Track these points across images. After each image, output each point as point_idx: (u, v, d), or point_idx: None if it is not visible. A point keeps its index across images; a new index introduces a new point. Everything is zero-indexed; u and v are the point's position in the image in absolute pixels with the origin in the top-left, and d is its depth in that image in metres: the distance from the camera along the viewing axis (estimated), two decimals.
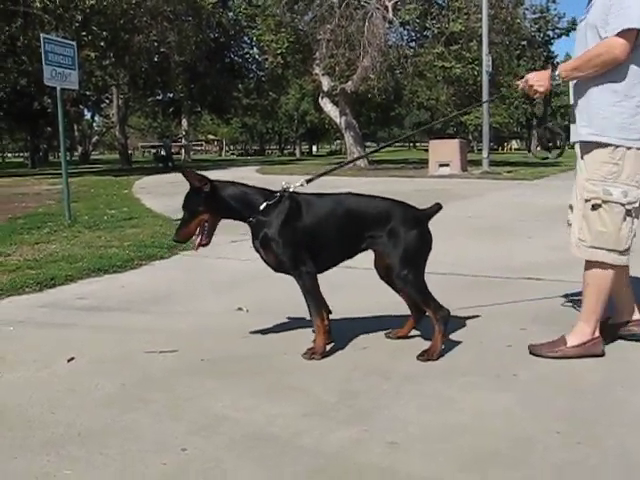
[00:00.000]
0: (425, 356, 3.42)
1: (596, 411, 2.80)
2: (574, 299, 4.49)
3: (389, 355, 3.53)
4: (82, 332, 4.10)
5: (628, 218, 3.33)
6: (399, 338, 3.79)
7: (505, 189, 15.13)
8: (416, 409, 2.84)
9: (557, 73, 3.39)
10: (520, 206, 11.32)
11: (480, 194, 13.52)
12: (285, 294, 4.86)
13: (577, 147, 3.51)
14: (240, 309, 4.54)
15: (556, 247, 6.71)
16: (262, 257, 3.61)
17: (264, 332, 3.97)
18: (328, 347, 3.58)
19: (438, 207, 3.68)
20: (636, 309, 3.69)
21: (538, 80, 3.43)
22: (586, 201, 3.39)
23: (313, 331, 3.61)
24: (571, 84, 3.50)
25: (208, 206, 3.53)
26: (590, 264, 3.43)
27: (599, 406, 2.85)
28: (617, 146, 3.28)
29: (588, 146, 3.38)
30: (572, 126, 3.50)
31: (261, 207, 3.52)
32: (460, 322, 3.94)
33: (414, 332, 3.84)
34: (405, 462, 2.37)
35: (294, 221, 3.50)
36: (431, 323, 3.51)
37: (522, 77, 3.58)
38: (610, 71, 3.27)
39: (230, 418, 2.77)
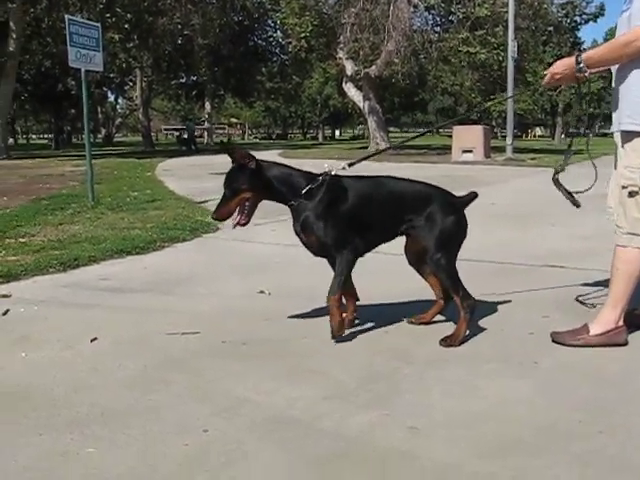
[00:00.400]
0: (447, 342, 3.42)
1: (617, 400, 2.77)
2: (596, 287, 4.46)
3: (411, 340, 3.52)
4: (105, 313, 4.13)
5: None
6: (422, 324, 3.76)
7: (529, 176, 15.03)
8: (438, 395, 2.83)
9: (581, 62, 3.33)
10: (543, 193, 11.19)
11: (504, 181, 13.44)
12: (307, 278, 4.88)
13: (617, 135, 3.48)
14: (262, 292, 4.55)
15: (579, 235, 6.68)
16: (303, 241, 3.55)
17: (285, 315, 3.97)
18: (348, 331, 3.58)
19: (474, 195, 3.68)
20: None
21: (563, 70, 3.37)
22: (623, 188, 3.37)
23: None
24: (613, 72, 3.46)
25: (251, 184, 3.45)
26: (622, 250, 3.40)
27: (620, 395, 2.82)
28: None
29: (629, 135, 3.35)
30: (613, 114, 3.47)
31: (304, 190, 3.44)
32: (483, 309, 3.91)
33: (437, 318, 3.82)
34: (426, 447, 2.36)
35: (337, 203, 3.44)
36: (456, 310, 3.50)
37: (549, 64, 3.53)
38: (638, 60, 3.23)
39: (251, 400, 2.77)
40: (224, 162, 3.61)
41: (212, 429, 2.50)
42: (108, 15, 25.32)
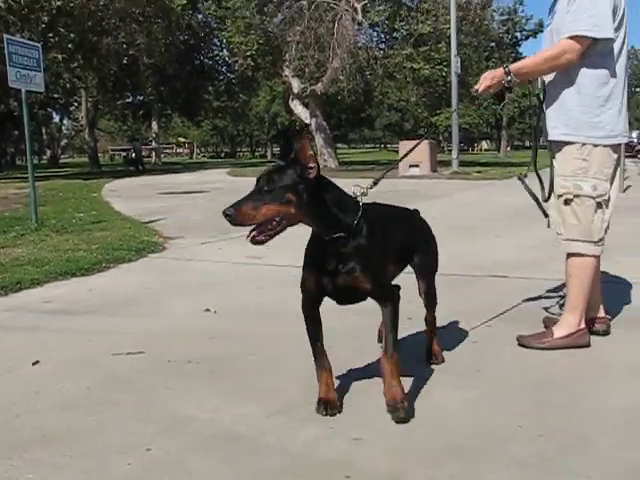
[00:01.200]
0: (435, 359, 3.41)
1: (557, 405, 2.84)
2: (539, 296, 4.57)
3: (355, 354, 3.54)
4: (48, 335, 4.07)
5: (599, 210, 3.47)
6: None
7: (474, 189, 15.26)
8: (381, 406, 2.85)
9: (510, 74, 3.44)
10: (488, 206, 11.44)
11: (448, 194, 13.62)
12: (254, 296, 4.90)
13: (549, 146, 3.63)
14: (208, 310, 4.54)
15: (524, 245, 6.81)
16: (336, 285, 2.75)
17: (231, 334, 3.97)
18: (292, 348, 3.58)
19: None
20: (601, 306, 3.78)
21: (492, 80, 3.49)
22: (559, 196, 3.53)
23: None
24: (542, 85, 3.61)
25: (302, 198, 2.53)
26: (570, 256, 3.56)
27: (560, 400, 2.89)
28: (584, 144, 3.43)
29: (559, 145, 3.54)
30: (545, 125, 3.60)
31: (355, 221, 2.67)
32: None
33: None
34: (369, 458, 2.39)
35: (384, 239, 2.84)
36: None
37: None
38: (576, 72, 3.41)
39: (196, 418, 2.77)
40: (171, 182, 3.59)
41: (155, 448, 2.49)
42: (51, 35, 25.05)
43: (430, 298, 3.37)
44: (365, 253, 2.68)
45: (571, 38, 3.29)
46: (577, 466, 2.31)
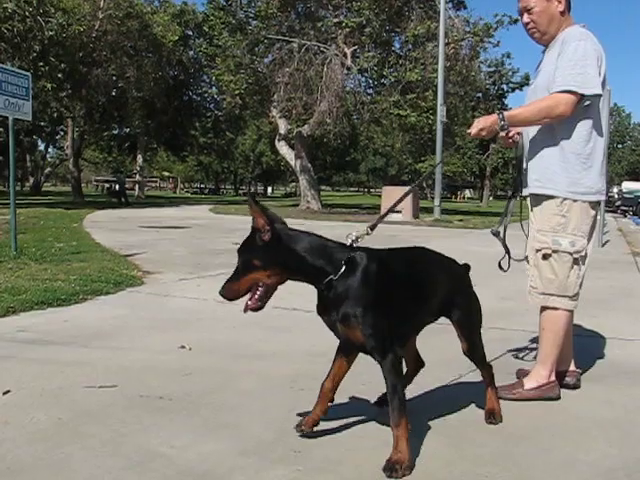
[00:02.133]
0: (492, 419, 3.24)
1: (523, 456, 2.87)
2: (514, 347, 4.60)
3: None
4: (20, 365, 4.05)
5: (575, 266, 3.54)
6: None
7: (454, 237, 15.38)
8: (349, 451, 2.87)
9: (504, 120, 3.50)
10: (468, 254, 11.47)
11: (428, 241, 13.68)
12: (229, 334, 4.91)
13: (528, 199, 3.69)
14: (183, 347, 4.54)
15: (502, 296, 6.87)
16: (336, 331, 2.80)
17: (205, 371, 3.97)
18: (265, 388, 3.59)
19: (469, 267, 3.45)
20: (572, 360, 3.83)
21: (484, 124, 3.54)
22: (537, 251, 3.59)
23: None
24: (525, 139, 3.68)
25: (266, 262, 2.63)
26: (545, 310, 3.62)
27: (526, 451, 2.92)
28: (564, 199, 3.49)
29: (538, 198, 3.61)
30: (524, 178, 3.66)
31: (342, 269, 2.67)
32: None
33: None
34: None
35: (383, 288, 2.72)
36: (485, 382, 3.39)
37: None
38: (560, 129, 3.49)
39: (164, 455, 2.77)
40: (153, 216, 3.61)
41: None
42: (41, 64, 25.15)
43: (473, 355, 3.29)
44: (352, 302, 2.65)
45: (563, 92, 3.35)
46: None
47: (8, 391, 3.50)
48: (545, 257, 3.55)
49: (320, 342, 4.38)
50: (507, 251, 3.73)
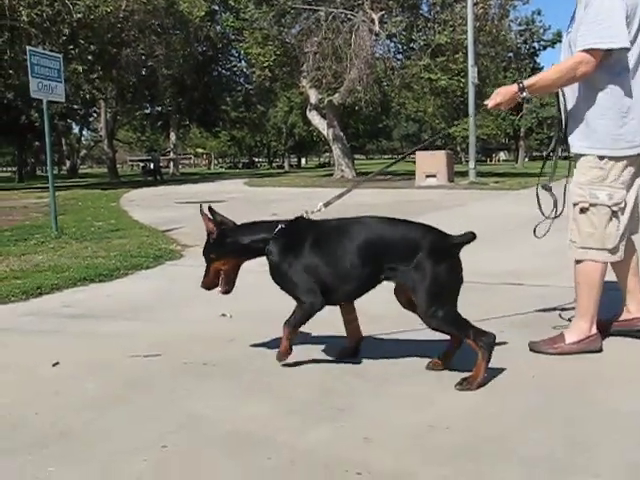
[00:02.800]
0: (463, 385, 3.10)
1: (565, 408, 2.88)
2: (552, 303, 4.59)
3: (366, 357, 3.59)
4: (67, 339, 4.16)
5: (614, 219, 3.49)
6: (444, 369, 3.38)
7: (490, 199, 15.27)
8: (391, 407, 2.91)
9: (524, 90, 3.46)
10: (504, 215, 11.44)
11: (464, 204, 13.63)
12: (268, 302, 4.94)
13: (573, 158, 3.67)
14: (224, 315, 4.61)
15: (538, 254, 6.82)
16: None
17: (246, 337, 4.03)
18: (305, 353, 3.65)
19: (472, 236, 3.36)
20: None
21: (503, 97, 3.51)
22: (574, 205, 3.56)
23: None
24: (564, 98, 3.64)
25: (217, 253, 3.52)
26: (580, 263, 3.58)
27: (568, 404, 2.93)
28: (603, 154, 3.45)
29: (577, 156, 3.57)
30: (568, 137, 3.63)
31: (273, 235, 3.40)
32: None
33: (388, 339, 3.92)
34: (378, 457, 2.44)
35: (305, 248, 3.30)
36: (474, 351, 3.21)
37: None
38: (595, 84, 3.43)
39: (209, 417, 2.83)
40: (189, 191, 3.68)
41: (171, 445, 2.55)
42: (71, 47, 25.35)
43: (436, 323, 3.18)
44: (273, 261, 3.42)
45: (585, 51, 3.30)
46: (585, 465, 2.35)
47: (57, 363, 3.59)
48: (583, 210, 3.52)
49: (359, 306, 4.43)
50: (555, 205, 3.70)
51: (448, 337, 3.38)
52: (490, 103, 3.54)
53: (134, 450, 2.52)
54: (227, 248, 3.50)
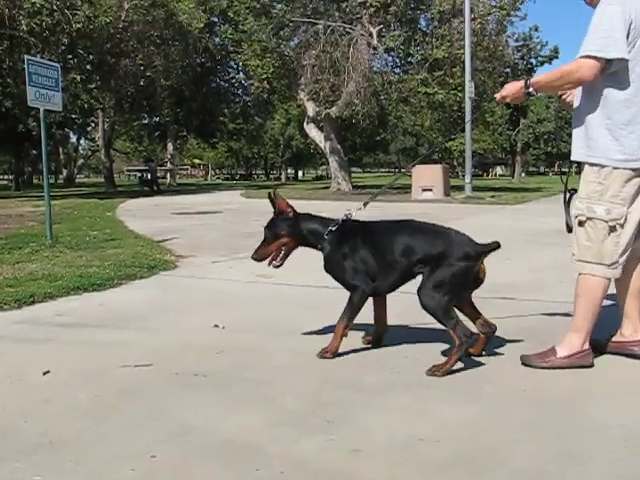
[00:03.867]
0: (432, 370, 3.48)
1: (556, 421, 2.88)
2: (546, 318, 4.60)
3: (360, 368, 3.59)
4: (59, 347, 4.15)
5: (612, 234, 3.48)
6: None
7: (486, 213, 15.29)
8: (383, 420, 2.91)
9: (530, 86, 3.60)
10: (500, 229, 11.44)
11: (460, 218, 13.63)
12: (261, 313, 4.96)
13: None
14: (217, 326, 4.60)
15: (533, 269, 6.85)
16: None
17: (238, 348, 4.03)
18: (299, 363, 3.64)
19: (497, 245, 3.76)
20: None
21: (509, 91, 3.70)
22: (575, 217, 3.59)
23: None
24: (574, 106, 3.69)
25: (290, 232, 3.90)
26: (580, 277, 3.58)
27: (559, 417, 2.93)
28: (603, 166, 3.46)
29: (583, 166, 3.58)
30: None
31: (325, 234, 3.84)
32: (435, 339, 4.01)
33: (385, 349, 3.92)
34: (368, 469, 2.43)
35: (349, 244, 3.78)
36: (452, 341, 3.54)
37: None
38: (598, 95, 3.46)
39: (200, 427, 2.82)
40: (185, 202, 3.69)
41: (160, 454, 2.55)
42: (70, 56, 25.34)
43: (427, 301, 3.56)
44: (328, 255, 3.85)
45: (582, 57, 3.34)
46: (576, 477, 2.36)
47: (48, 371, 3.58)
48: (581, 224, 3.54)
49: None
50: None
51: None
52: (498, 96, 3.76)
53: (123, 459, 2.51)
54: (298, 231, 3.91)
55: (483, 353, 3.77)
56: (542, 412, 2.99)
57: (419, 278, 3.66)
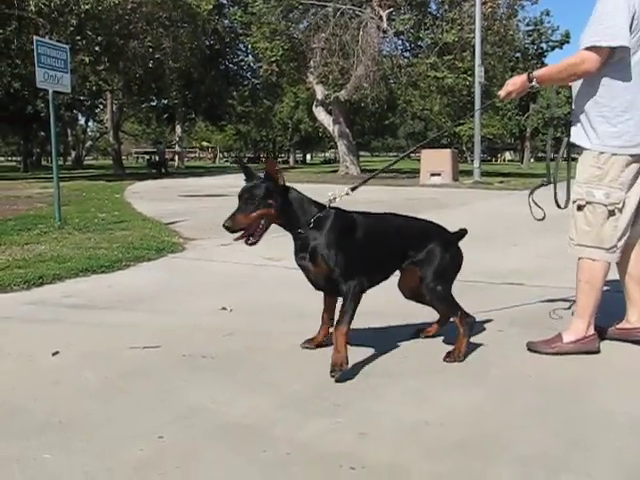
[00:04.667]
0: (451, 357, 3.51)
1: (561, 408, 2.89)
2: (553, 303, 4.60)
3: (366, 353, 3.60)
4: (68, 328, 4.17)
5: (611, 218, 3.50)
6: (427, 337, 3.92)
7: (494, 198, 15.27)
8: (389, 403, 2.92)
9: (533, 80, 3.58)
10: (507, 215, 11.43)
11: (468, 203, 13.63)
12: (269, 296, 4.98)
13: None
14: (224, 309, 4.62)
15: (540, 254, 6.84)
16: (306, 271, 3.44)
17: (245, 331, 4.05)
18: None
19: (465, 232, 3.81)
20: None
21: (513, 86, 3.65)
22: (573, 202, 3.60)
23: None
24: (573, 95, 3.69)
25: (277, 203, 3.28)
26: (581, 262, 3.60)
27: (565, 403, 2.94)
28: (602, 152, 3.48)
29: (580, 150, 3.60)
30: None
31: (313, 219, 3.34)
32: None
33: (393, 335, 3.93)
34: (373, 452, 2.45)
35: (346, 236, 3.38)
36: (457, 328, 3.59)
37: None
38: (596, 82, 3.47)
39: (208, 409, 2.85)
40: (193, 185, 3.65)
41: (168, 435, 2.57)
42: (78, 38, 25.33)
43: (433, 295, 3.58)
44: (322, 244, 3.32)
45: (588, 49, 3.35)
46: (578, 464, 2.37)
47: (57, 352, 3.61)
48: (580, 208, 3.55)
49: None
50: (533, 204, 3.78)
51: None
52: (502, 93, 3.68)
53: (131, 439, 2.54)
54: (284, 205, 3.31)
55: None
56: (547, 398, 3.00)
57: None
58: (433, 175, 20.93)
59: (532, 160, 63.06)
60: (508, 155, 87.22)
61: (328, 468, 2.34)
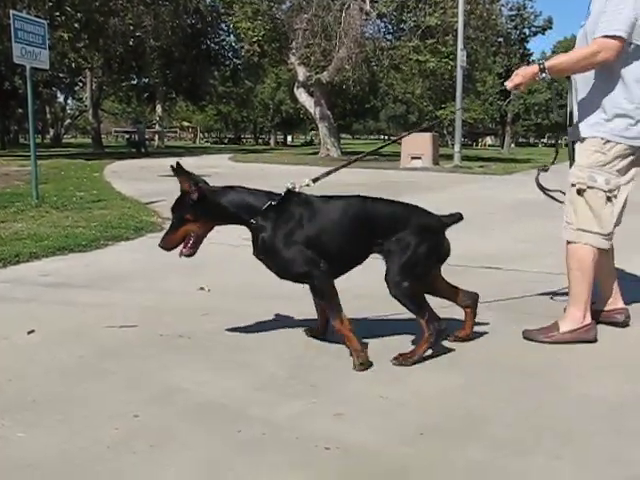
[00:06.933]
0: (399, 359, 3.20)
1: (537, 392, 2.92)
2: (529, 288, 4.63)
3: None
4: (43, 307, 4.15)
5: (609, 203, 3.53)
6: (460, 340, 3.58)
7: (474, 183, 15.31)
8: (364, 384, 2.94)
9: (545, 71, 3.49)
10: (487, 199, 11.49)
11: (448, 187, 13.67)
12: (247, 276, 4.96)
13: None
14: (202, 289, 4.61)
15: (518, 239, 6.88)
16: (266, 264, 3.35)
17: (223, 311, 4.05)
18: (284, 329, 3.67)
19: (459, 217, 3.55)
20: (619, 297, 3.84)
21: (523, 78, 3.56)
22: (572, 186, 3.58)
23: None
24: (574, 85, 3.67)
25: (196, 215, 3.26)
26: (573, 249, 3.59)
27: (539, 388, 2.97)
28: (608, 140, 3.47)
29: (584, 139, 3.57)
30: (578, 122, 3.64)
31: (263, 208, 3.21)
32: None
33: (373, 319, 3.94)
34: (349, 433, 2.47)
35: (301, 223, 3.19)
36: (421, 330, 3.27)
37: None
38: (602, 74, 3.46)
39: (183, 389, 2.85)
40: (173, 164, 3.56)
41: (143, 415, 2.57)
42: (57, 14, 24.98)
43: (396, 291, 3.23)
44: (273, 234, 3.20)
45: (607, 37, 3.30)
46: (549, 448, 2.39)
47: (32, 331, 3.59)
48: (580, 192, 3.54)
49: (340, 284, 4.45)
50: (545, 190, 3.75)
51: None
52: (509, 84, 3.60)
53: (106, 418, 2.53)
54: (209, 211, 3.28)
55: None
56: (523, 383, 3.02)
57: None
58: (414, 158, 20.94)
59: (513, 145, 63.24)
60: (489, 140, 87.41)
61: (303, 448, 2.35)
